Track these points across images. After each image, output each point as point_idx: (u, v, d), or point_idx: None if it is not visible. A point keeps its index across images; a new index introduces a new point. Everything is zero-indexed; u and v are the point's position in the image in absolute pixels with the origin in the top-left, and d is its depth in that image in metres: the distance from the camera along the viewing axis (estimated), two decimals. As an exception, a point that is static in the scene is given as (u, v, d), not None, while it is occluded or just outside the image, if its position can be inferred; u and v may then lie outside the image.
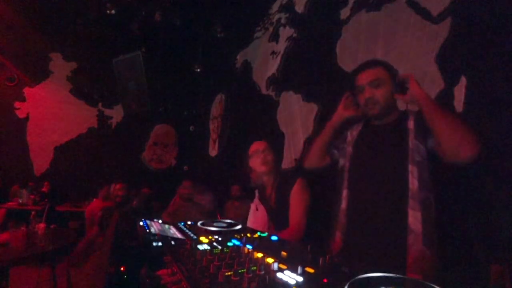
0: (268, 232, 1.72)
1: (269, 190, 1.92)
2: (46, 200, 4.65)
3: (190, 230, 1.14)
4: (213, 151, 5.69)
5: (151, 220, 1.26)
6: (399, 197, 1.22)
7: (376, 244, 1.23)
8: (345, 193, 1.44)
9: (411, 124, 1.26)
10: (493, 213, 1.55)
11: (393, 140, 1.29)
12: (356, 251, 1.29)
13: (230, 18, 4.42)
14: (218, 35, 4.53)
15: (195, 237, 1.05)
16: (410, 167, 1.21)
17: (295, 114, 3.26)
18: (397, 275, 0.67)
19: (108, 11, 4.01)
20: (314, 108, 3.01)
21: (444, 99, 1.84)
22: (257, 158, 1.90)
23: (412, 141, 1.23)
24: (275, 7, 3.93)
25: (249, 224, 1.94)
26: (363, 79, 1.34)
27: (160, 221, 1.26)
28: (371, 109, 1.33)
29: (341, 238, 1.40)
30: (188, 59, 5.33)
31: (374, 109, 1.33)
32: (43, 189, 4.94)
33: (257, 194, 2.01)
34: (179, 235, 1.06)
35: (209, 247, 0.91)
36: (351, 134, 1.52)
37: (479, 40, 1.70)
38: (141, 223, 1.20)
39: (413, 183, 1.20)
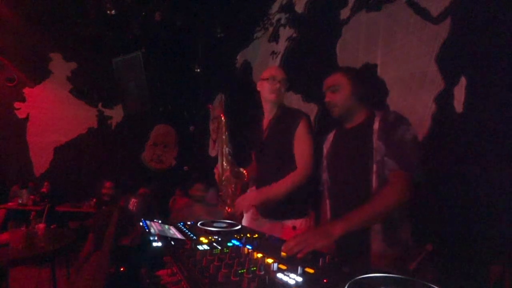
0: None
1: (266, 119, 1.86)
2: (46, 200, 4.65)
3: (190, 231, 1.14)
4: (213, 151, 5.69)
5: (151, 220, 1.26)
6: (364, 197, 1.25)
7: (344, 240, 1.20)
8: (328, 203, 1.53)
9: (376, 125, 1.33)
10: (493, 213, 1.55)
11: (360, 141, 1.37)
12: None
13: (230, 18, 4.42)
14: (218, 35, 4.52)
15: (195, 237, 1.05)
16: (374, 166, 1.29)
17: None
18: (397, 275, 0.67)
19: (108, 11, 4.00)
20: (314, 108, 3.01)
21: (444, 99, 1.84)
22: (269, 84, 1.77)
23: (375, 141, 1.30)
24: (275, 7, 3.93)
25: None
26: (324, 85, 1.50)
27: (160, 221, 1.26)
28: (332, 112, 1.47)
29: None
30: (188, 59, 5.33)
31: (334, 112, 1.46)
32: (43, 189, 4.94)
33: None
34: (179, 236, 1.06)
35: (209, 248, 0.91)
36: (328, 139, 1.61)
37: (479, 40, 1.70)
38: (141, 223, 1.20)
39: (375, 181, 1.28)
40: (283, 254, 0.87)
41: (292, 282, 0.66)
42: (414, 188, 1.19)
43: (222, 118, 1.83)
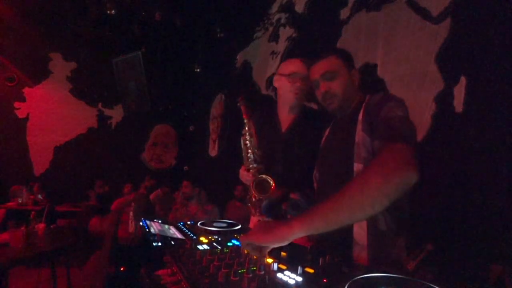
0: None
1: (283, 115, 1.56)
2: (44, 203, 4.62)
3: (190, 230, 1.14)
4: (213, 151, 5.69)
5: (151, 220, 1.26)
6: None
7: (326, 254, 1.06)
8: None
9: (361, 114, 1.06)
10: (493, 213, 1.55)
11: (344, 135, 1.11)
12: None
13: (230, 18, 4.42)
14: (218, 35, 4.52)
15: (195, 237, 1.05)
16: (355, 165, 1.02)
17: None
18: (397, 275, 0.67)
19: (108, 11, 4.00)
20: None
21: (444, 99, 1.84)
22: (289, 81, 1.46)
23: (359, 133, 1.03)
24: (275, 7, 3.93)
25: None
26: (316, 72, 1.18)
27: (160, 221, 1.26)
28: (330, 104, 1.17)
29: None
30: (188, 59, 5.33)
31: (333, 103, 1.16)
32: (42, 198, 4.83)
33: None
34: (179, 235, 1.06)
35: (209, 247, 0.91)
36: (324, 135, 1.33)
37: (479, 40, 1.70)
38: (141, 223, 1.20)
39: None
40: (283, 254, 0.87)
41: (292, 282, 0.66)
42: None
43: (245, 121, 1.51)
